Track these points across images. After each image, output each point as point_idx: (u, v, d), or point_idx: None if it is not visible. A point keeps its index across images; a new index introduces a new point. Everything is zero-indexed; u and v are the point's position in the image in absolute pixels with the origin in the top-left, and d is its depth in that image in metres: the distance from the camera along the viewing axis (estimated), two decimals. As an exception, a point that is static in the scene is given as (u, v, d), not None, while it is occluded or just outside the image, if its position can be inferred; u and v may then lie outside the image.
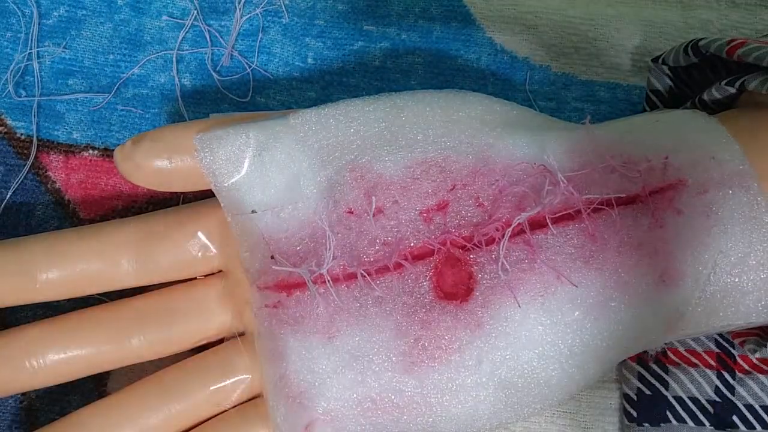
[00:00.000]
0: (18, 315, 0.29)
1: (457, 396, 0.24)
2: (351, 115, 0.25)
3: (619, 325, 0.24)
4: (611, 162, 0.24)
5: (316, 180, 0.24)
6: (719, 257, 0.24)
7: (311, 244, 0.24)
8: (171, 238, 0.26)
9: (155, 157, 0.24)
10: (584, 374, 0.25)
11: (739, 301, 0.25)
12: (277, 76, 0.32)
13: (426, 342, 0.24)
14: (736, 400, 0.29)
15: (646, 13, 0.33)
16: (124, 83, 0.32)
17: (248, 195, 0.24)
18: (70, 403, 0.28)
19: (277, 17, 0.33)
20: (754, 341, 0.28)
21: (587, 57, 0.32)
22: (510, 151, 0.25)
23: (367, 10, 0.33)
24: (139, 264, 0.26)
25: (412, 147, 0.25)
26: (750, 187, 0.24)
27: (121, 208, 0.30)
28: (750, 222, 0.24)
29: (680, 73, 0.31)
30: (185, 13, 0.32)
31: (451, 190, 0.24)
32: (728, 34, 0.33)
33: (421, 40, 0.33)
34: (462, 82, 0.32)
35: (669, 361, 0.29)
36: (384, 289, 0.24)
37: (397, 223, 0.24)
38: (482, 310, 0.24)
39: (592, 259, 0.24)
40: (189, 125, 0.25)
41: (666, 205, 0.24)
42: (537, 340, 0.24)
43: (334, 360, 0.24)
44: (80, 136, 0.31)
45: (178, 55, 0.32)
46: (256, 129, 0.24)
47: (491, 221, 0.24)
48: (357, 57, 0.32)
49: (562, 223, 0.24)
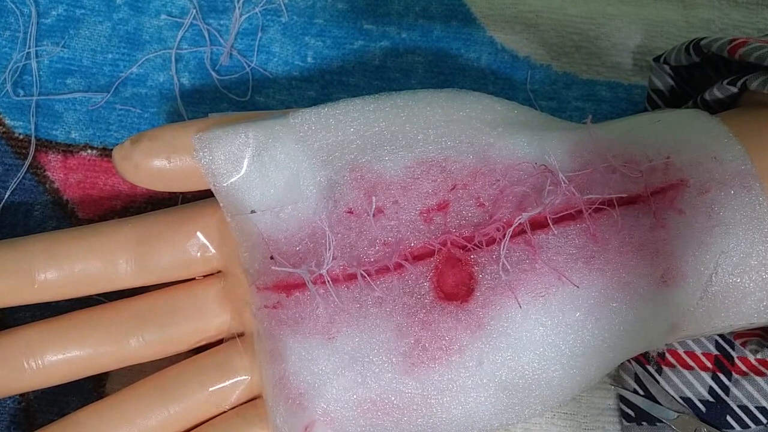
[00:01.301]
0: (17, 315, 0.29)
1: (457, 397, 0.24)
2: (351, 115, 0.25)
3: (621, 326, 0.24)
4: (612, 162, 0.24)
5: (315, 180, 0.24)
6: (721, 257, 0.24)
7: (311, 245, 0.24)
8: (170, 239, 0.26)
9: (154, 157, 0.24)
10: (585, 375, 0.25)
11: (740, 301, 0.25)
12: (277, 75, 0.32)
13: (426, 343, 0.23)
14: (730, 401, 0.29)
15: (647, 12, 0.33)
16: (123, 82, 0.31)
17: (247, 195, 0.24)
18: (69, 404, 0.28)
19: (277, 16, 0.32)
20: (756, 342, 0.28)
21: (588, 56, 0.32)
22: (511, 150, 0.25)
23: (367, 8, 0.33)
24: (137, 264, 0.26)
25: (413, 147, 0.25)
26: (752, 187, 0.24)
27: (119, 208, 0.30)
28: (752, 222, 0.24)
29: (682, 73, 0.31)
30: (184, 12, 0.32)
31: (451, 190, 0.24)
32: (730, 33, 0.33)
33: (421, 39, 0.32)
34: (462, 82, 0.32)
35: (665, 363, 0.29)
36: (384, 290, 0.24)
37: (397, 223, 0.24)
38: (483, 311, 0.24)
39: (593, 259, 0.24)
40: (188, 125, 0.25)
41: (667, 205, 0.24)
42: (538, 340, 0.24)
43: (333, 361, 0.24)
44: (79, 136, 0.31)
45: (177, 54, 0.32)
46: (256, 129, 0.24)
47: (492, 221, 0.24)
48: (357, 56, 0.32)
49: (563, 224, 0.24)
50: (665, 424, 0.28)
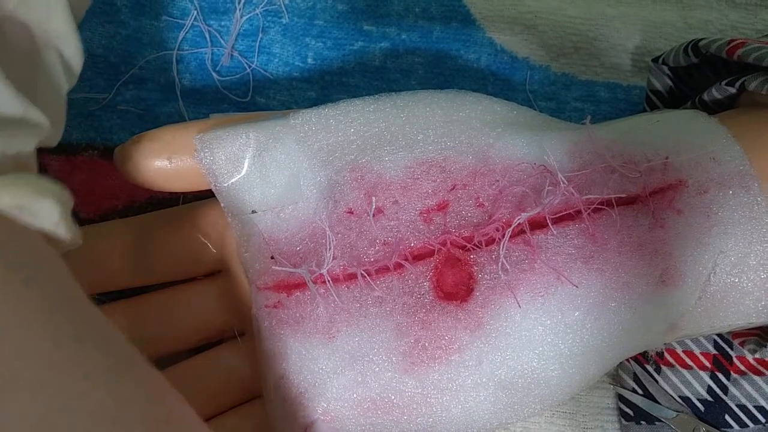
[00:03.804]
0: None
1: (457, 396, 0.24)
2: (351, 116, 0.25)
3: (620, 326, 0.24)
4: (611, 162, 0.24)
5: (316, 180, 0.24)
6: (719, 257, 0.24)
7: (311, 245, 0.24)
8: (170, 239, 0.26)
9: (155, 158, 0.24)
10: (584, 374, 0.25)
11: (739, 301, 0.25)
12: (277, 76, 0.32)
13: (426, 342, 0.24)
14: (729, 400, 0.29)
15: (646, 13, 0.33)
16: (124, 83, 0.31)
17: (248, 195, 0.24)
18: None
19: (277, 17, 0.33)
20: (754, 341, 0.28)
21: (587, 57, 0.32)
22: (510, 151, 0.25)
23: (367, 10, 0.33)
24: (138, 264, 0.26)
25: (412, 147, 0.25)
26: (750, 187, 0.24)
27: (120, 208, 0.30)
28: (750, 222, 0.24)
29: (680, 73, 0.31)
30: (185, 14, 0.32)
31: (451, 190, 0.24)
32: (728, 34, 0.33)
33: (421, 40, 0.33)
34: (462, 82, 0.32)
35: (664, 362, 0.29)
36: (384, 290, 0.24)
37: (397, 223, 0.24)
38: (482, 311, 0.24)
39: (592, 259, 0.24)
40: (189, 125, 0.25)
41: (666, 206, 0.24)
42: (537, 340, 0.24)
43: (334, 360, 0.24)
44: (80, 137, 0.31)
45: (178, 55, 0.32)
46: (256, 129, 0.24)
47: (491, 221, 0.24)
48: (357, 57, 0.32)
49: (562, 224, 0.24)
50: (664, 423, 0.29)
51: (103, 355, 0.17)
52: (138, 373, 0.18)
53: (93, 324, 0.18)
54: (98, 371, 0.17)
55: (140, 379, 0.18)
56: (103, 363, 0.17)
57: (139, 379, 0.18)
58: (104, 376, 0.17)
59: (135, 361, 0.18)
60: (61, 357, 0.16)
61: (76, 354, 0.17)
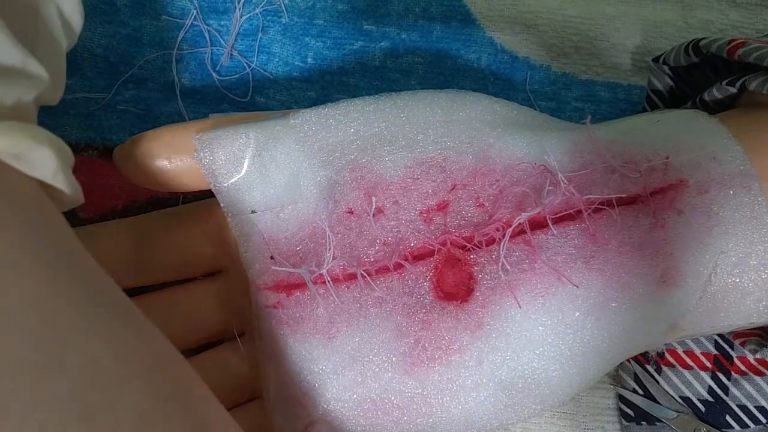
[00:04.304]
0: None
1: (457, 397, 0.24)
2: (351, 115, 0.25)
3: (620, 326, 0.24)
4: (612, 162, 0.24)
5: (316, 180, 0.24)
6: (720, 258, 0.24)
7: (311, 245, 0.24)
8: (170, 239, 0.26)
9: (155, 157, 0.24)
10: (585, 375, 0.25)
11: (739, 301, 0.25)
12: (277, 75, 0.32)
13: (426, 342, 0.24)
14: (730, 400, 0.29)
15: (646, 12, 0.33)
16: (124, 83, 0.31)
17: (248, 195, 0.24)
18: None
19: (277, 17, 0.32)
20: (755, 342, 0.28)
21: (587, 57, 0.32)
22: (510, 151, 0.25)
23: (367, 9, 0.33)
24: (138, 264, 0.26)
25: (412, 147, 0.25)
26: (751, 187, 0.24)
27: (120, 209, 0.30)
28: (751, 222, 0.24)
29: (681, 73, 0.31)
30: (185, 13, 0.32)
31: (451, 191, 0.24)
32: (729, 33, 0.33)
33: (421, 40, 0.32)
34: (462, 82, 0.32)
35: (664, 362, 0.29)
36: (384, 290, 0.24)
37: (397, 223, 0.24)
38: (483, 311, 0.24)
39: (592, 259, 0.24)
40: (188, 125, 0.25)
41: (667, 206, 0.24)
42: (537, 340, 0.24)
43: (334, 360, 0.24)
44: (80, 137, 0.31)
45: (178, 54, 0.32)
46: (256, 129, 0.24)
47: (492, 221, 0.24)
48: (357, 57, 0.32)
49: (562, 224, 0.24)
50: (664, 424, 0.28)
51: (103, 309, 0.17)
52: (138, 329, 0.18)
53: (93, 278, 0.18)
54: (97, 324, 0.17)
55: (140, 334, 0.18)
56: (103, 316, 0.17)
57: (139, 334, 0.18)
58: (102, 329, 0.17)
59: (135, 317, 0.18)
60: (59, 306, 0.16)
61: (74, 305, 0.16)
